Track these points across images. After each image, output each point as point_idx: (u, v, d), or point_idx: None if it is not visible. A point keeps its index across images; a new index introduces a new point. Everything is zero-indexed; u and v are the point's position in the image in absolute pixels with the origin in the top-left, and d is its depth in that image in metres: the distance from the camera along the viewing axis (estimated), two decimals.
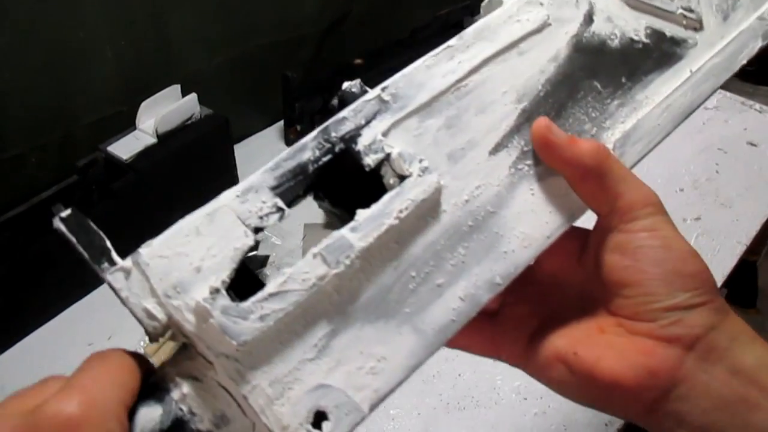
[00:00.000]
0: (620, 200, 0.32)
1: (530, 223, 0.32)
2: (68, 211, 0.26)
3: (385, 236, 0.28)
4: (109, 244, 0.26)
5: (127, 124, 0.91)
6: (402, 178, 0.29)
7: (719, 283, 0.91)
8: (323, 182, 0.30)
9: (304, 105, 1.06)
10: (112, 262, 0.26)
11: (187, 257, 0.26)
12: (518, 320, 0.37)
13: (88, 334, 0.82)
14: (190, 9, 0.95)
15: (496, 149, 0.33)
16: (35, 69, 0.82)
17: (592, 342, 0.32)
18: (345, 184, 0.30)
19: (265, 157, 1.33)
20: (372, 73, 1.13)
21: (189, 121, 0.94)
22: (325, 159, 0.29)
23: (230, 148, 1.01)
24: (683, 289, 0.31)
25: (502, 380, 0.77)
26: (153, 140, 0.89)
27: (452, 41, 0.33)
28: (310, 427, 0.26)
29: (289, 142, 1.12)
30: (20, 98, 0.82)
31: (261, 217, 0.28)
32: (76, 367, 0.26)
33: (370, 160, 0.29)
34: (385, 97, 0.31)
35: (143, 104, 0.90)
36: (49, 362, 0.79)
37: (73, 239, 0.25)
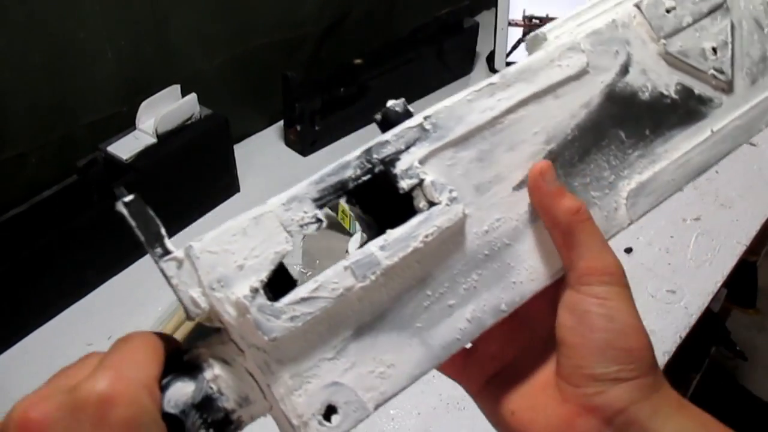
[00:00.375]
0: (580, 262, 0.33)
1: (540, 259, 0.35)
2: (131, 197, 0.28)
3: (409, 257, 0.31)
4: (164, 231, 0.28)
5: (127, 124, 0.91)
6: (431, 204, 0.32)
7: (719, 284, 0.91)
8: (358, 191, 0.32)
9: (304, 105, 1.06)
10: (165, 248, 0.28)
11: (232, 255, 0.29)
12: (485, 359, 0.38)
13: (88, 334, 0.82)
14: (190, 9, 0.95)
15: (520, 186, 0.34)
16: (35, 69, 0.82)
17: (529, 402, 0.34)
18: (378, 197, 0.33)
19: (264, 157, 1.32)
20: (372, 73, 1.13)
21: (189, 121, 0.94)
22: (364, 178, 0.31)
23: (230, 148, 1.01)
24: (614, 361, 0.31)
25: None
26: (153, 140, 0.90)
27: (494, 78, 0.34)
28: (321, 418, 0.30)
29: (288, 142, 1.12)
30: (20, 98, 0.82)
31: (301, 226, 0.30)
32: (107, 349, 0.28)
33: (404, 185, 0.32)
34: (427, 125, 0.33)
35: (143, 104, 0.90)
36: (49, 362, 0.78)
37: (133, 223, 0.28)
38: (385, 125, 0.33)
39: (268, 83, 1.08)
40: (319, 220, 0.30)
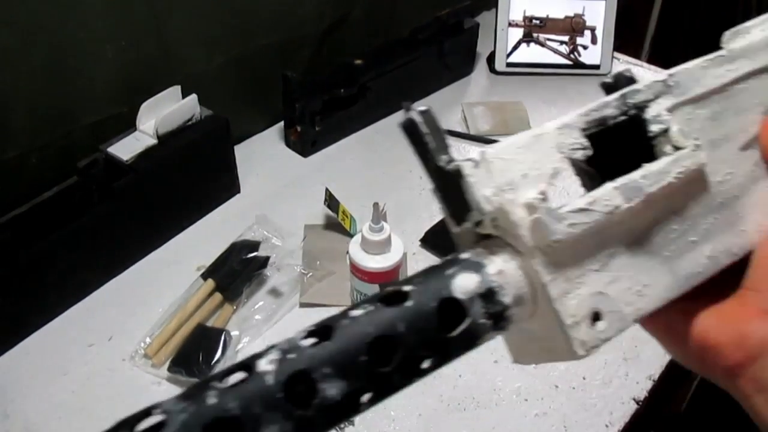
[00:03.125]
0: None
1: (763, 214, 0.39)
2: (425, 108, 0.31)
3: (663, 190, 0.34)
4: (449, 141, 0.32)
5: (127, 124, 0.91)
6: (677, 149, 0.35)
7: None
8: (599, 136, 0.35)
9: (305, 105, 1.06)
10: (450, 156, 0.31)
11: (519, 164, 0.33)
12: None
13: (89, 335, 0.82)
14: (190, 9, 0.95)
15: (745, 147, 0.39)
16: (36, 70, 0.82)
17: (711, 313, 0.36)
18: (612, 146, 0.36)
19: (265, 157, 1.32)
20: (372, 74, 1.13)
21: (189, 122, 0.94)
22: (620, 118, 0.35)
23: (230, 148, 1.01)
24: None
25: (503, 381, 0.76)
26: (153, 141, 0.90)
27: (723, 52, 0.39)
28: (589, 321, 0.32)
29: (289, 143, 1.12)
30: (21, 99, 0.82)
31: (571, 150, 0.34)
32: None
33: (654, 128, 0.36)
34: (670, 82, 0.37)
35: (144, 105, 0.90)
36: (50, 363, 0.78)
37: (425, 130, 0.31)
38: (612, 89, 0.37)
39: (268, 84, 1.08)
40: (584, 147, 0.34)
